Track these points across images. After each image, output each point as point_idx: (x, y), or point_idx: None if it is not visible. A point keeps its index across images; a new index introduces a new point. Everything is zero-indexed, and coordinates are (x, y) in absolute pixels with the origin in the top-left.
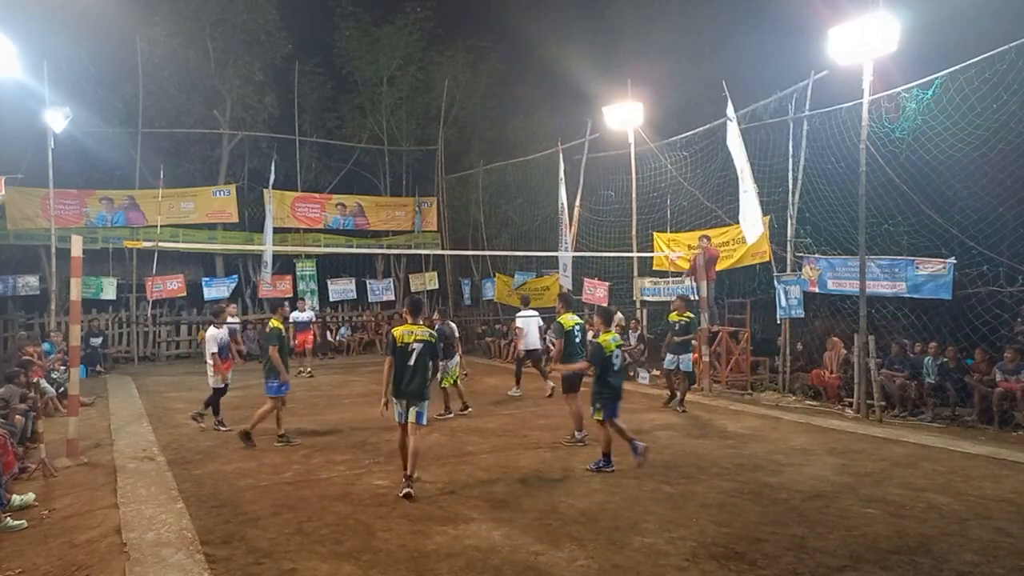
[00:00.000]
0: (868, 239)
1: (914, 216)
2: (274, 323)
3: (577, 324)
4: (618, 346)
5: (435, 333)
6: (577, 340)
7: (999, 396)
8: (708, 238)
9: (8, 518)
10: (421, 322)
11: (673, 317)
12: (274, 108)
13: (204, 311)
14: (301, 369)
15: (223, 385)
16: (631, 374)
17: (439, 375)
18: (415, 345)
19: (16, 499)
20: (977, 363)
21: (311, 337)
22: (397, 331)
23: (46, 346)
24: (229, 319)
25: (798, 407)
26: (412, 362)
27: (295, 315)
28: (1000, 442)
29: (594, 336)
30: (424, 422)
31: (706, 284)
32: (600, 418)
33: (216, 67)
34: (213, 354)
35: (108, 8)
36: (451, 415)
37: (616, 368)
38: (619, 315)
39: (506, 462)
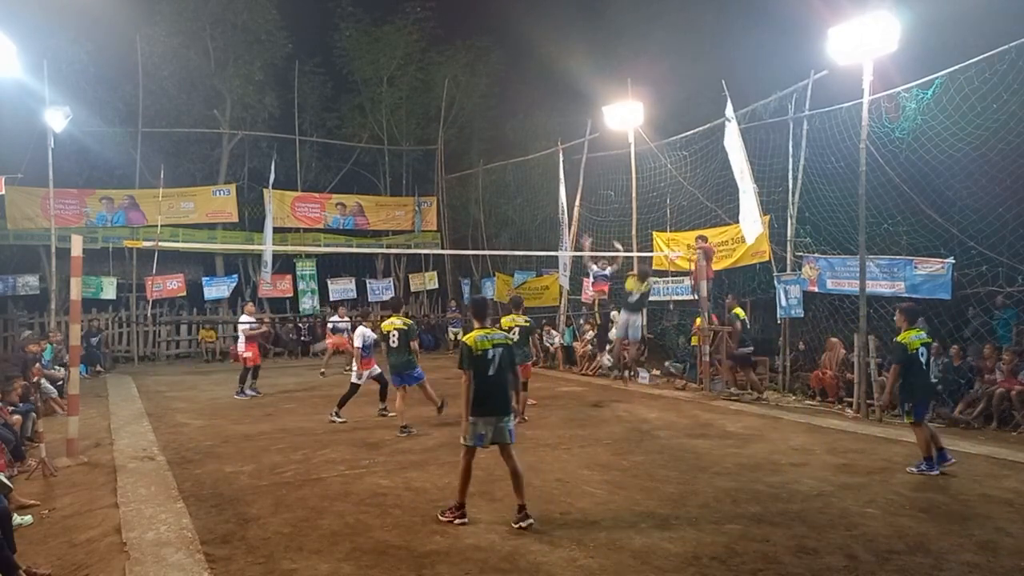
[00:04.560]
0: (867, 239)
1: (913, 216)
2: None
3: None
4: (923, 343)
5: (511, 336)
6: None
7: (999, 396)
8: (705, 238)
9: (15, 514)
10: (488, 324)
11: (630, 285)
12: (274, 108)
13: (205, 311)
14: (323, 369)
15: (360, 381)
16: (631, 374)
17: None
18: (493, 352)
19: (16, 519)
20: (984, 360)
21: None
22: (470, 338)
23: (47, 348)
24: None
25: (798, 407)
26: (493, 372)
27: (334, 319)
28: (1000, 442)
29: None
30: (514, 439)
31: (706, 284)
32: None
33: (216, 67)
34: (357, 348)
35: (108, 8)
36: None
37: None
38: (615, 314)
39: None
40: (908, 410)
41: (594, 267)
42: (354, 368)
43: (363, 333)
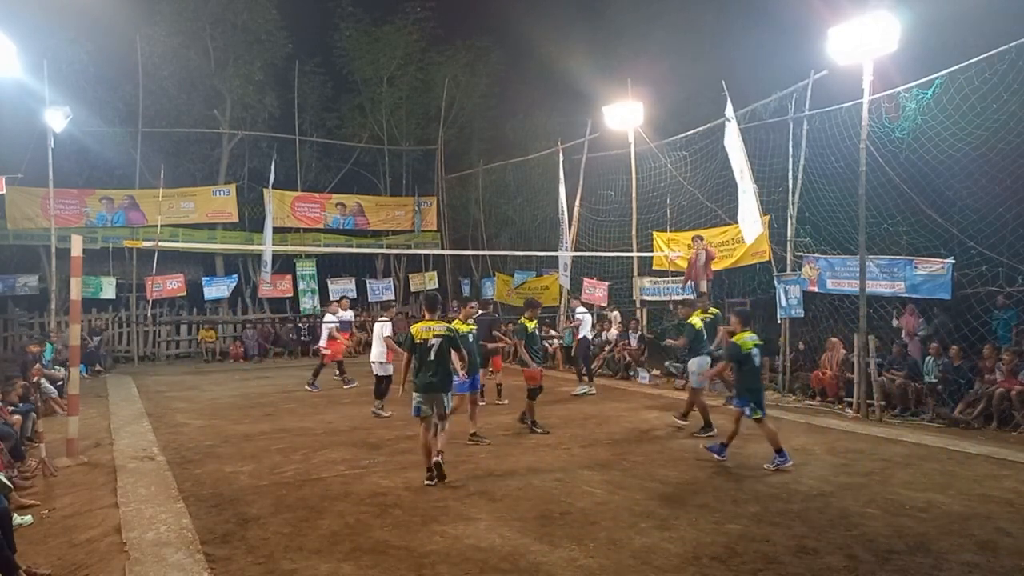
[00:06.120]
0: (867, 239)
1: (913, 216)
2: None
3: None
4: (755, 345)
5: (453, 328)
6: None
7: (999, 396)
8: (701, 238)
9: (15, 514)
10: (438, 317)
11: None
12: (274, 108)
13: (205, 311)
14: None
15: (389, 373)
16: (631, 374)
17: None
18: (434, 341)
19: (16, 519)
20: (984, 360)
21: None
22: (415, 328)
23: (47, 348)
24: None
25: (798, 407)
26: (432, 357)
27: (341, 314)
28: (1000, 442)
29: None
30: (449, 407)
31: (705, 283)
32: (758, 416)
33: (216, 67)
34: (387, 338)
35: (108, 8)
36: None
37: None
38: (616, 314)
39: (505, 462)
40: (754, 408)
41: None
42: (383, 360)
43: (384, 327)
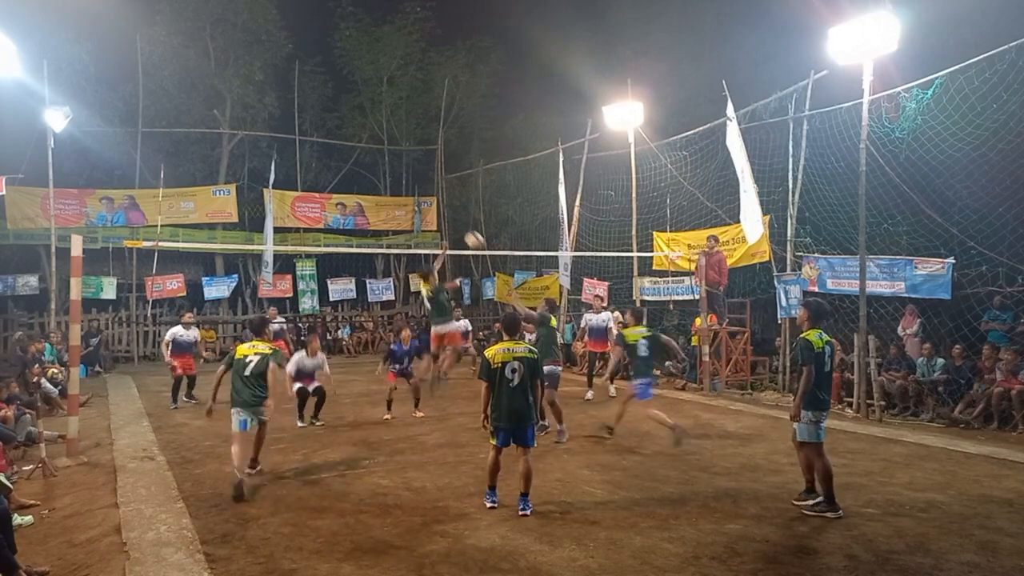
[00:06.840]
0: (867, 239)
1: (913, 216)
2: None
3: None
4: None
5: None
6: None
7: (998, 396)
8: (716, 238)
9: (15, 514)
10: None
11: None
12: (274, 108)
13: (205, 311)
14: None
15: None
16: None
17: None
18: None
19: (16, 519)
20: (984, 360)
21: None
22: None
23: (46, 348)
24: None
25: None
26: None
27: (178, 330)
28: (1000, 442)
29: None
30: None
31: (704, 285)
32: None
33: (216, 67)
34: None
35: (108, 8)
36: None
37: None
38: (617, 313)
39: (505, 462)
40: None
41: (592, 315)
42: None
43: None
